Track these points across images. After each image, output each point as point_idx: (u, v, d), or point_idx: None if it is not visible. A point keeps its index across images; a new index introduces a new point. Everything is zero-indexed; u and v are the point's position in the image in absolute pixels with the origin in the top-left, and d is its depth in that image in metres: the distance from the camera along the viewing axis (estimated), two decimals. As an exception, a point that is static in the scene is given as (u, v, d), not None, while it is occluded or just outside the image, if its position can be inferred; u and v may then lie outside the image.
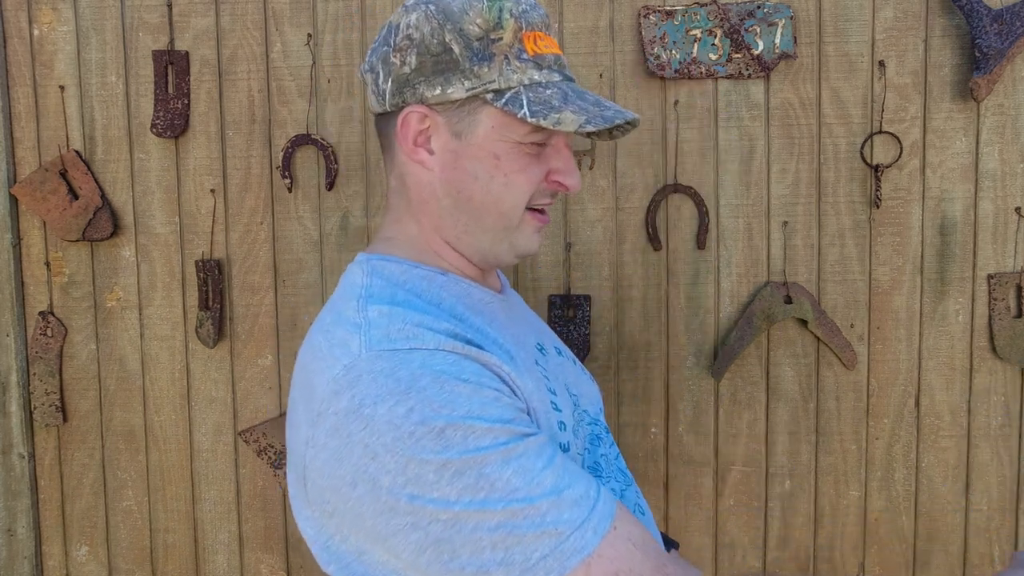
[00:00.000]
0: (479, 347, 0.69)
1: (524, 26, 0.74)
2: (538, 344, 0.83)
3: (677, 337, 1.50)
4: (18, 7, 1.47)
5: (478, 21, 0.73)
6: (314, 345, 0.71)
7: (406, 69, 0.75)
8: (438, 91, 0.73)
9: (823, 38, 1.44)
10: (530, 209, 0.79)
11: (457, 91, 0.73)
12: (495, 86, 0.73)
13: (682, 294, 1.49)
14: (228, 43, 1.47)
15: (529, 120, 0.71)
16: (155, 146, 1.49)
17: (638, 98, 1.47)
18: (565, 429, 0.74)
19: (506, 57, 0.73)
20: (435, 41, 0.73)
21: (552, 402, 0.74)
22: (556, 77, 0.76)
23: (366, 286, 0.74)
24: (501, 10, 0.73)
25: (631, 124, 0.81)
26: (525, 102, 0.72)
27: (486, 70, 0.73)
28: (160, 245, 1.50)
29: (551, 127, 0.71)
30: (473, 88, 0.73)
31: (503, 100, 0.73)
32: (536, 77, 0.74)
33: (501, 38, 0.73)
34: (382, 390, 0.62)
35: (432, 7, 0.74)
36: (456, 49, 0.73)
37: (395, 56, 0.75)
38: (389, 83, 0.76)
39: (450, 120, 0.75)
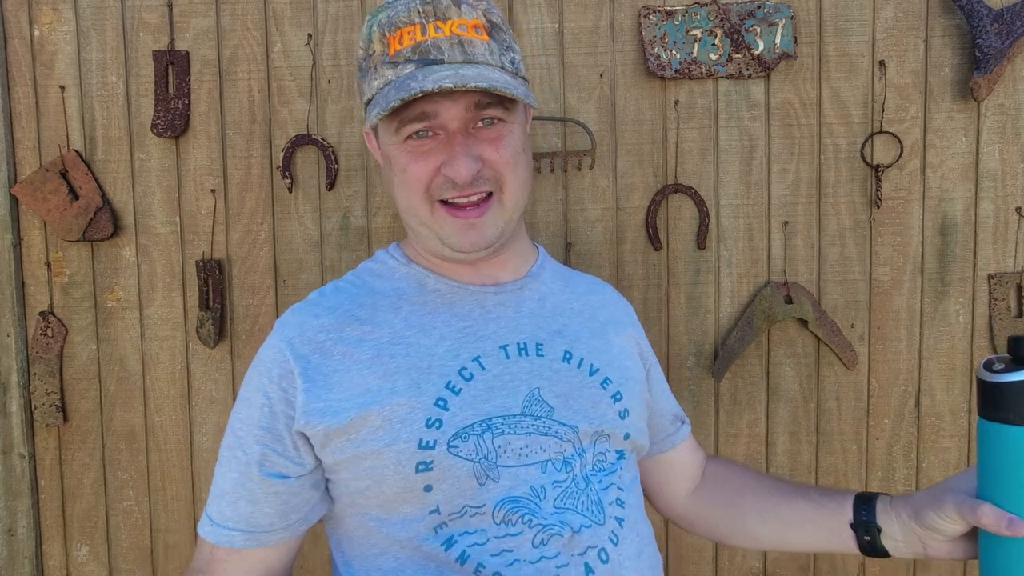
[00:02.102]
0: (321, 347, 0.82)
1: (388, 31, 0.78)
2: (504, 345, 0.83)
3: (677, 337, 1.50)
4: (18, 7, 1.47)
5: (360, 44, 0.82)
6: None
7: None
8: (364, 114, 0.84)
9: (823, 38, 1.44)
10: (445, 204, 0.80)
11: (361, 110, 0.85)
12: (366, 98, 0.81)
13: (682, 294, 1.49)
14: (228, 43, 1.47)
15: (367, 124, 0.80)
16: (155, 146, 1.49)
17: (638, 98, 1.47)
18: (440, 428, 0.77)
19: (375, 68, 0.79)
20: (357, 76, 0.86)
21: (439, 399, 0.78)
22: (409, 68, 0.77)
23: (353, 270, 0.93)
24: (371, 26, 0.80)
25: (490, 89, 0.74)
26: (373, 106, 0.79)
27: (366, 86, 0.82)
28: (160, 245, 1.51)
29: (369, 129, 0.80)
30: (364, 106, 0.83)
31: (369, 110, 0.81)
32: (390, 76, 0.78)
33: (374, 51, 0.79)
34: None
35: None
36: (357, 76, 0.84)
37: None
38: None
39: (375, 135, 0.86)
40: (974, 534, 0.76)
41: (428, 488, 0.76)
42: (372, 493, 0.78)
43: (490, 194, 0.81)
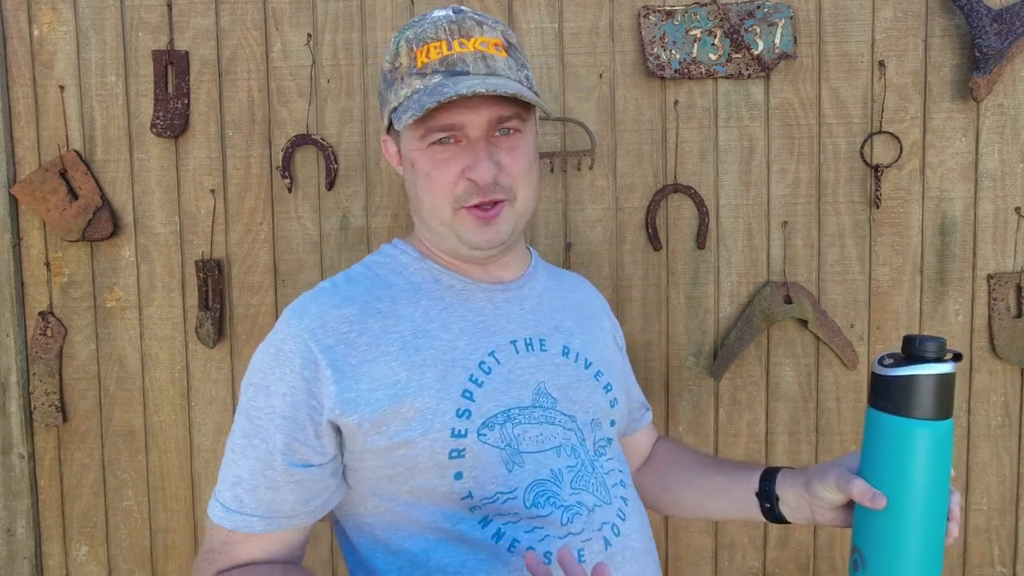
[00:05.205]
0: (343, 338, 0.84)
1: (415, 45, 0.86)
2: (513, 340, 0.90)
3: (677, 337, 1.50)
4: (18, 7, 1.47)
5: (387, 58, 0.90)
6: None
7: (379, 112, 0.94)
8: (384, 122, 0.92)
9: (823, 38, 1.45)
10: (468, 207, 0.87)
11: (385, 118, 0.90)
12: (392, 106, 0.88)
13: (682, 294, 1.49)
14: (228, 43, 1.47)
15: (396, 127, 0.85)
16: (155, 146, 1.49)
17: (638, 98, 1.47)
18: (469, 417, 0.83)
19: (402, 78, 0.87)
20: (378, 86, 0.92)
21: (465, 391, 0.84)
22: (437, 78, 0.84)
23: (359, 263, 0.96)
24: (399, 41, 0.88)
25: (516, 94, 0.82)
26: (401, 112, 0.84)
27: (391, 95, 0.88)
28: (160, 245, 1.50)
29: (400, 129, 0.84)
30: (388, 113, 0.89)
31: (397, 115, 0.85)
32: (418, 85, 0.85)
33: (401, 64, 0.87)
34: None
35: None
36: (381, 86, 0.91)
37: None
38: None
39: (395, 140, 0.92)
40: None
41: (459, 475, 0.82)
42: (402, 479, 0.83)
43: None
